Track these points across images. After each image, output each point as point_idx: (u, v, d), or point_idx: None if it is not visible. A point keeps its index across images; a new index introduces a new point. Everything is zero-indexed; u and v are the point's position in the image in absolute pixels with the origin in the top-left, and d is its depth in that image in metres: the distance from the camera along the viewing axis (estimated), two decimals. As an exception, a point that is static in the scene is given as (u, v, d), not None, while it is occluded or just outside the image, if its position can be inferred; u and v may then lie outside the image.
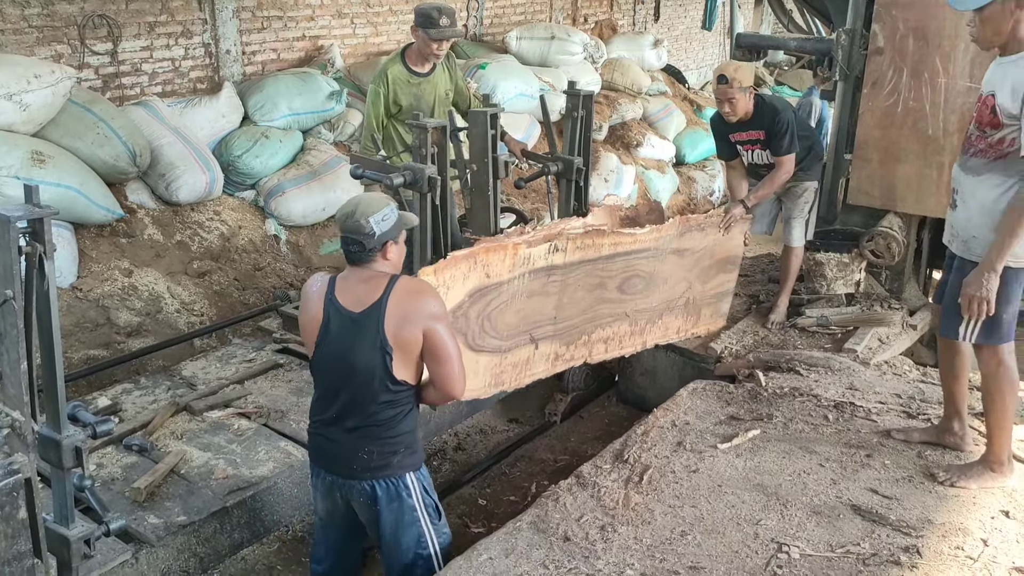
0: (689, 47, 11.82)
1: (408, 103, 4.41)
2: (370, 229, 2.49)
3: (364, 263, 2.55)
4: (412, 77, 4.44)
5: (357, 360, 2.51)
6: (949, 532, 2.90)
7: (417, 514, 2.65)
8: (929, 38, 4.33)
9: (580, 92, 4.34)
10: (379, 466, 2.59)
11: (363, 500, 2.63)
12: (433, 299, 2.56)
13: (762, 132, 4.39)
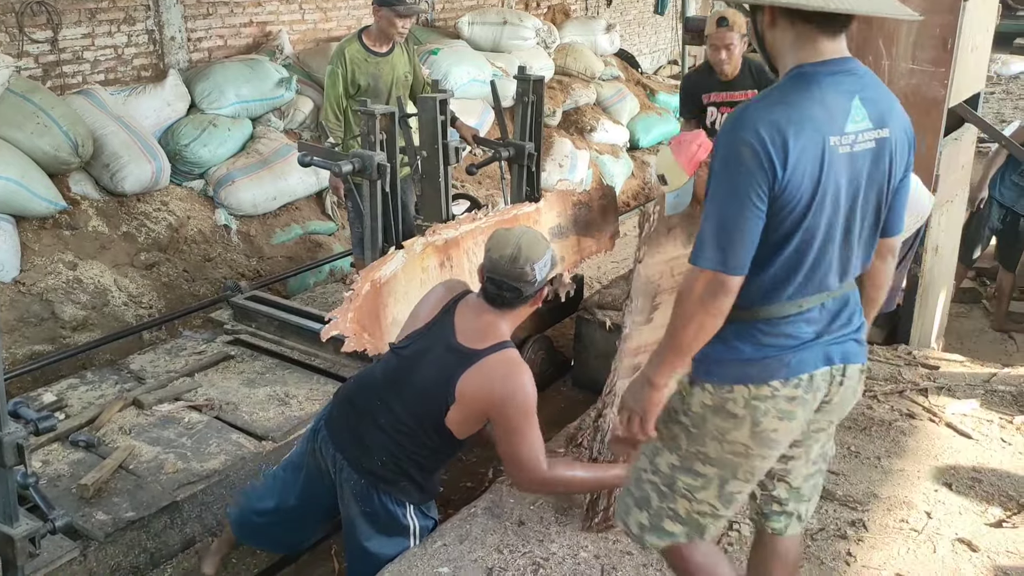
0: (642, 32, 11.85)
1: (366, 83, 4.40)
2: (533, 277, 2.28)
3: (507, 308, 2.35)
4: (370, 56, 4.44)
5: (426, 383, 2.41)
6: (894, 506, 2.97)
7: (409, 532, 2.61)
8: (872, 19, 4.38)
9: (530, 77, 4.33)
10: (385, 479, 2.51)
11: (354, 493, 2.55)
12: (519, 387, 2.35)
13: (749, 93, 4.24)
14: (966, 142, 4.96)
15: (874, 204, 1.88)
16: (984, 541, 2.78)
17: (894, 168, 1.87)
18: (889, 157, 1.85)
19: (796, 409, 1.88)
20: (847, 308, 1.92)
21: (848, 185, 1.81)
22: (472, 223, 3.95)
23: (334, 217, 6.09)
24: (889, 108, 1.87)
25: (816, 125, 1.75)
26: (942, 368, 4.02)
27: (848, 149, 1.78)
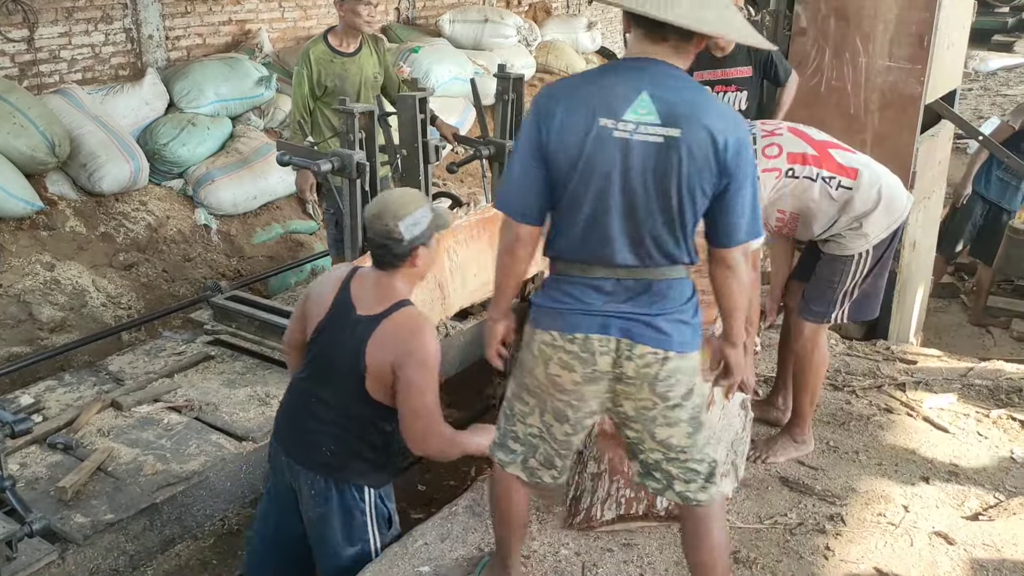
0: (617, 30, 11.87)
1: (333, 84, 4.34)
2: (399, 235, 2.32)
3: (390, 267, 2.40)
4: (335, 56, 4.37)
5: (340, 360, 2.43)
6: (872, 499, 3.00)
7: (366, 519, 2.57)
8: (850, 18, 4.42)
9: (510, 75, 4.33)
10: (334, 467, 2.50)
11: (313, 494, 2.55)
12: (420, 346, 2.35)
13: (748, 69, 4.14)
14: (943, 138, 5.00)
15: (663, 199, 1.99)
16: (960, 534, 2.81)
17: (688, 171, 1.95)
18: (679, 158, 1.94)
19: (575, 363, 2.11)
20: (650, 293, 2.07)
21: (621, 166, 1.98)
22: (453, 222, 3.95)
23: (315, 216, 6.07)
24: (689, 112, 1.94)
25: (590, 104, 1.98)
26: (920, 363, 4.06)
27: (624, 135, 1.95)
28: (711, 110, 1.97)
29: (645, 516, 2.78)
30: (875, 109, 4.48)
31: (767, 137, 2.95)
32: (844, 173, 2.95)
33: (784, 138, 2.97)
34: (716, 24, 1.97)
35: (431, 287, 3.60)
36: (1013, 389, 3.76)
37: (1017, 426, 3.46)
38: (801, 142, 2.97)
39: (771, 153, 2.92)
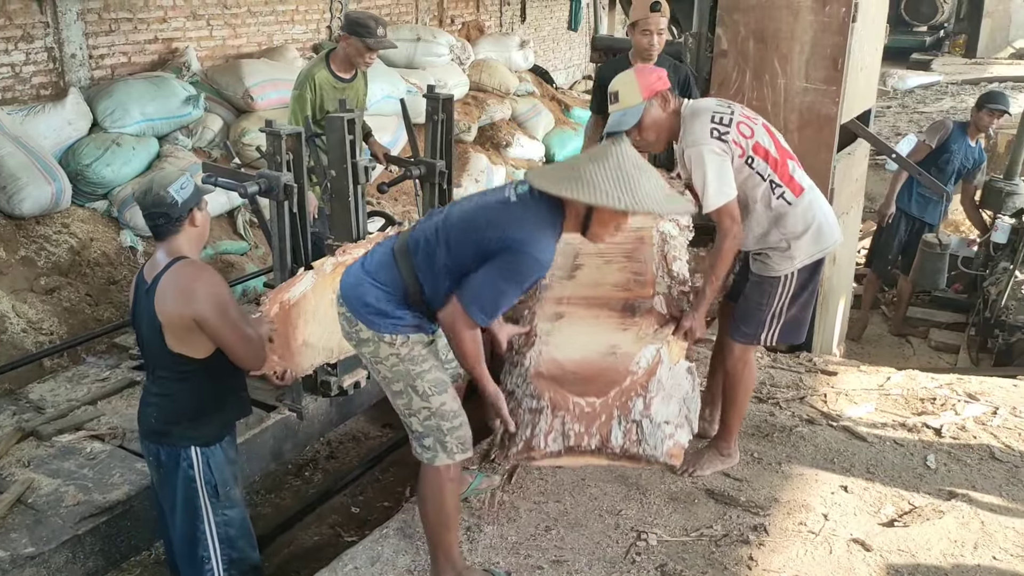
0: (556, 48, 12.03)
1: (334, 108, 4.40)
2: (172, 199, 2.52)
3: (172, 235, 2.57)
4: (338, 82, 4.50)
5: (143, 328, 2.61)
6: (793, 509, 3.08)
7: (196, 486, 2.67)
8: (768, 40, 4.56)
9: (440, 96, 4.36)
10: (160, 432, 2.67)
11: (151, 461, 2.74)
12: (202, 286, 2.52)
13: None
14: (859, 156, 5.19)
15: (459, 241, 2.42)
16: (877, 540, 2.91)
17: (488, 233, 2.37)
18: (493, 218, 2.39)
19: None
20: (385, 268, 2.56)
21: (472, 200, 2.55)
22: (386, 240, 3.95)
23: (246, 237, 6.00)
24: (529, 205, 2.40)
25: None
26: (840, 374, 4.19)
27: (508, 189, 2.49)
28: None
29: (597, 451, 2.66)
30: (794, 129, 4.61)
31: (745, 119, 3.03)
32: (791, 187, 3.05)
33: (758, 128, 3.04)
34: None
35: None
36: (928, 397, 3.91)
37: (931, 433, 3.60)
38: (770, 140, 3.06)
39: (744, 132, 2.99)
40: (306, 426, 3.95)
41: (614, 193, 2.27)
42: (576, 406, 2.63)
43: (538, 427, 2.63)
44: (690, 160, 2.98)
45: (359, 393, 3.91)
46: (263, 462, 3.68)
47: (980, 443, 3.52)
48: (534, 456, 2.67)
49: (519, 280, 2.34)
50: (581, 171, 2.33)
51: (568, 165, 2.44)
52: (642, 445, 2.59)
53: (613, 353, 2.85)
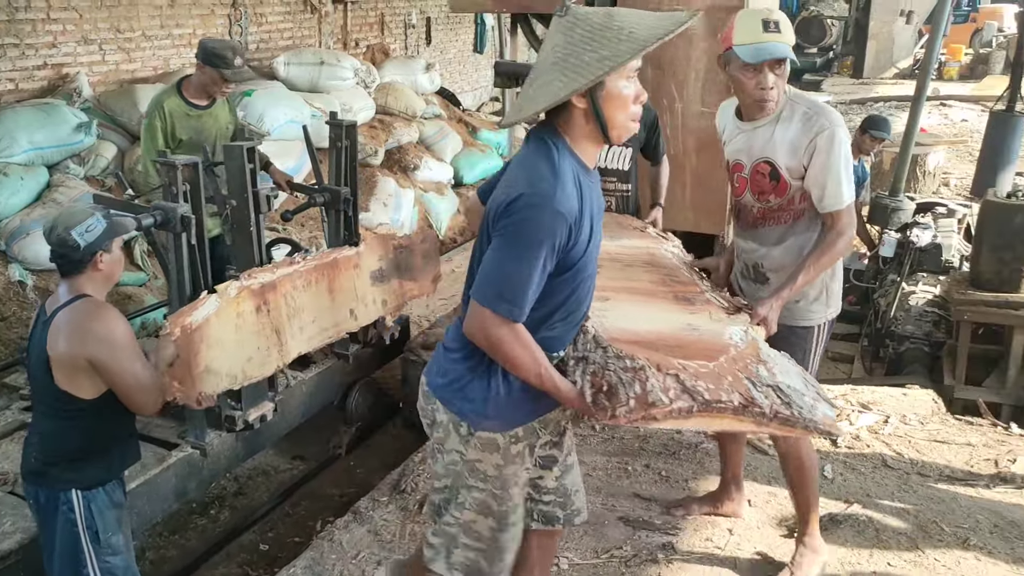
0: (462, 70, 12.10)
1: (188, 137, 4.26)
2: (74, 242, 2.45)
3: (75, 274, 2.50)
4: (191, 110, 4.31)
5: (32, 362, 2.53)
6: (700, 526, 3.15)
7: (77, 531, 2.57)
8: (665, 67, 4.71)
9: (343, 122, 4.32)
10: (39, 472, 2.57)
11: (31, 504, 2.63)
12: (100, 326, 2.45)
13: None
14: (755, 177, 5.38)
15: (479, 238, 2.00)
16: (779, 552, 3.00)
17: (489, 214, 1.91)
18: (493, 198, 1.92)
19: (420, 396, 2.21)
20: (456, 330, 2.06)
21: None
22: (290, 267, 3.89)
23: (144, 267, 5.81)
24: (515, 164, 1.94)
25: None
26: (743, 389, 4.31)
27: None
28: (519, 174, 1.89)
29: (739, 411, 1.97)
30: (692, 151, 4.77)
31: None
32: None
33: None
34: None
35: (267, 333, 3.52)
36: (825, 409, 4.07)
37: (828, 444, 3.74)
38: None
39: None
40: (211, 463, 3.83)
41: (608, 50, 1.76)
42: (686, 367, 2.03)
43: (648, 383, 1.95)
44: (817, 143, 2.53)
45: (266, 426, 3.83)
46: (166, 502, 3.55)
47: (873, 452, 3.68)
48: (655, 415, 1.95)
49: (533, 244, 1.80)
50: (548, 71, 1.82)
51: (529, 83, 1.89)
52: (792, 408, 2.00)
53: (694, 329, 2.36)
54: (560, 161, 1.86)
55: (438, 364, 2.10)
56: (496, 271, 1.83)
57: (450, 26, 11.71)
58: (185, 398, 3.17)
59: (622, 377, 1.97)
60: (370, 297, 4.21)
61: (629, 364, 2.00)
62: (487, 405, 1.99)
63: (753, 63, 2.48)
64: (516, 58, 5.55)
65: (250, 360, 3.41)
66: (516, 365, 1.90)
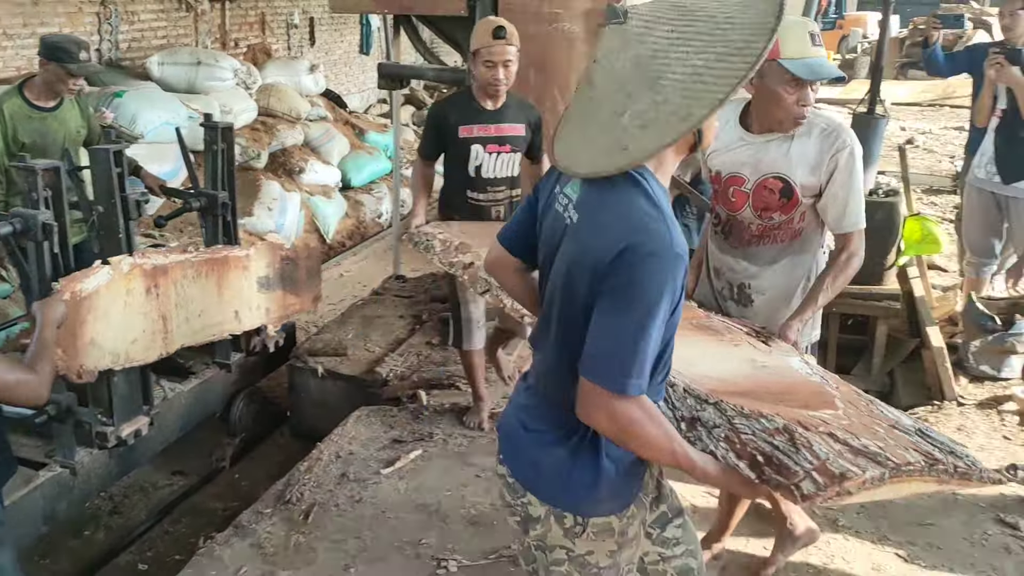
0: (349, 71, 11.94)
1: (32, 140, 4.04)
2: None
3: None
4: (34, 112, 4.08)
5: None
6: (588, 520, 3.20)
7: None
8: (548, 70, 4.75)
9: (218, 124, 4.18)
10: None
11: None
12: None
13: (522, 127, 3.59)
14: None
15: (562, 300, 1.60)
16: (664, 542, 3.07)
17: (575, 272, 1.56)
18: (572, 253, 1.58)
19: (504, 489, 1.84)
20: (538, 409, 1.71)
21: (550, 247, 1.66)
22: (183, 255, 3.78)
23: (8, 278, 5.48)
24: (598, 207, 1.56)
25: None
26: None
27: (560, 206, 1.66)
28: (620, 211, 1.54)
29: (924, 471, 1.69)
30: (576, 152, 4.84)
31: None
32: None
33: None
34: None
35: (154, 317, 3.41)
36: (706, 401, 4.19)
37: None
38: None
39: None
40: (82, 482, 3.65)
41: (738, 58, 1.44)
42: (827, 422, 1.80)
43: (815, 448, 1.67)
44: (838, 161, 2.46)
45: (141, 442, 3.67)
46: (34, 526, 3.36)
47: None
48: (848, 489, 1.63)
49: (654, 302, 1.47)
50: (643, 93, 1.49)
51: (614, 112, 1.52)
52: (963, 459, 1.78)
53: (764, 366, 2.19)
54: (655, 191, 1.54)
55: (522, 451, 1.74)
56: (616, 343, 1.49)
57: (335, 27, 11.53)
58: (66, 368, 3.03)
59: (774, 443, 1.68)
60: (255, 302, 4.11)
61: (768, 425, 1.73)
62: (599, 489, 1.66)
63: (807, 79, 2.31)
64: (400, 60, 5.51)
65: (134, 342, 3.33)
66: (650, 446, 1.56)
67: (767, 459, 1.64)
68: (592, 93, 1.58)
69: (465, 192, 3.61)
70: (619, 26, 1.55)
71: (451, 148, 3.57)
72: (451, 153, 3.59)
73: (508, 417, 1.83)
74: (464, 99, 3.60)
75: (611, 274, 1.47)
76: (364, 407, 4.09)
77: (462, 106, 3.57)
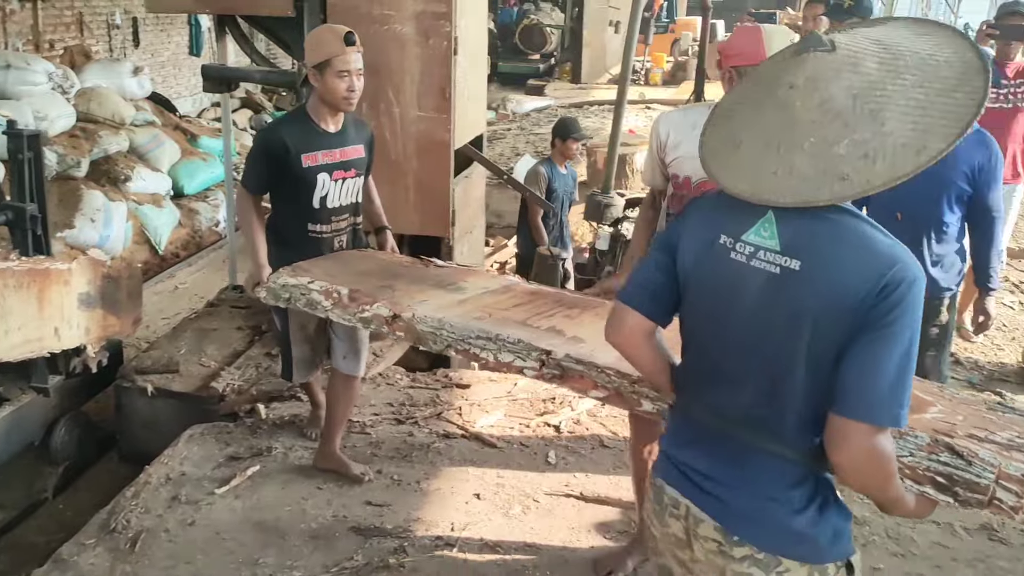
0: (178, 74, 11.42)
1: None
2: None
3: None
4: None
5: None
6: (431, 525, 3.19)
7: None
8: (381, 72, 4.70)
9: (23, 132, 3.89)
10: None
11: None
12: None
13: (363, 147, 3.30)
14: (476, 179, 5.55)
15: (786, 348, 1.56)
16: (506, 540, 3.11)
17: (820, 316, 1.52)
18: (801, 298, 1.54)
19: (652, 516, 1.82)
20: (737, 457, 1.65)
21: (735, 297, 1.62)
22: (4, 262, 3.50)
23: None
24: (820, 241, 1.54)
25: (719, 215, 1.67)
26: (474, 385, 4.43)
27: (741, 256, 1.61)
28: (840, 240, 1.53)
29: None
30: (412, 155, 4.81)
31: None
32: None
33: None
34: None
35: None
36: (548, 398, 4.27)
37: (552, 431, 3.93)
38: None
39: None
40: None
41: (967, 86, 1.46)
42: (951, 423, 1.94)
43: (988, 457, 1.77)
44: None
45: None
46: None
47: (592, 433, 3.92)
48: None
49: (919, 324, 1.50)
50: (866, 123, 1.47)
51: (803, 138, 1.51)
52: None
53: None
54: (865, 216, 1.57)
55: (775, 525, 1.62)
56: (889, 376, 1.46)
57: (161, 27, 10.99)
58: None
59: (941, 459, 1.76)
60: (75, 320, 3.87)
61: (919, 442, 1.80)
62: (849, 523, 1.67)
63: None
64: (226, 61, 5.30)
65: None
66: (892, 480, 1.56)
67: (949, 479, 1.72)
68: (790, 118, 1.54)
69: (306, 226, 3.21)
70: (826, 54, 1.53)
71: (290, 179, 3.13)
72: (290, 184, 3.15)
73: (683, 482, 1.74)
74: (301, 121, 3.18)
75: (876, 307, 1.46)
76: (197, 425, 3.91)
77: (301, 130, 3.15)
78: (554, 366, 2.35)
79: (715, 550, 1.66)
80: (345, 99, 3.09)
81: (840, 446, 1.49)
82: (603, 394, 2.31)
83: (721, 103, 1.77)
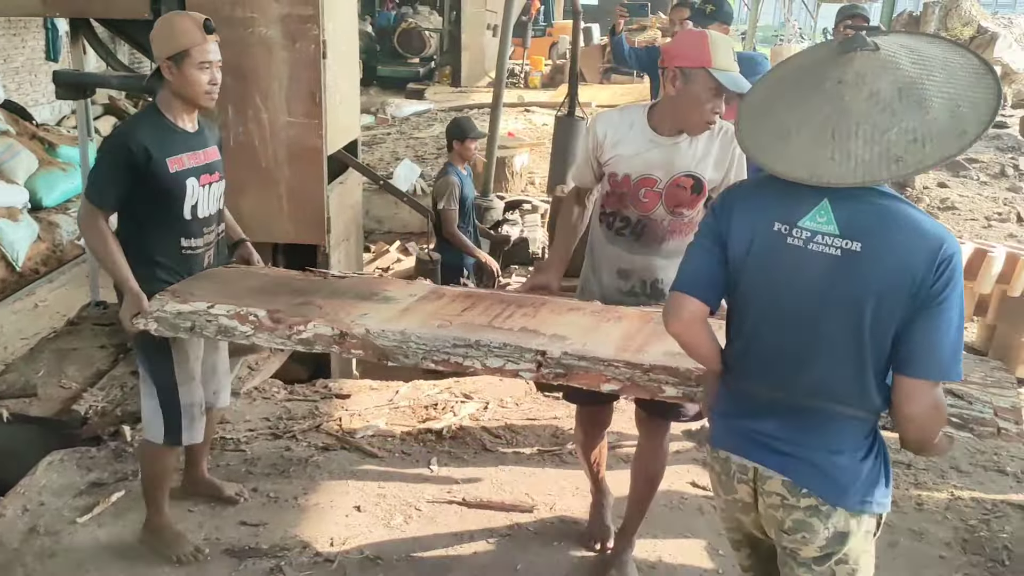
0: (35, 80, 10.79)
1: None
2: None
3: None
4: None
5: None
6: (310, 541, 3.11)
7: None
8: (247, 76, 4.56)
9: None
10: None
11: None
12: None
13: (216, 149, 2.96)
14: (351, 185, 5.46)
15: (848, 323, 1.76)
16: (388, 551, 3.06)
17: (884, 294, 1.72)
18: (865, 277, 1.73)
19: (718, 487, 2.02)
20: (806, 420, 1.84)
21: (795, 279, 1.79)
22: None
23: None
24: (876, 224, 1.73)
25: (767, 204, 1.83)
26: (354, 395, 4.35)
27: (798, 241, 1.78)
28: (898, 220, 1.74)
29: None
30: (284, 162, 4.69)
31: None
32: None
33: None
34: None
35: None
36: (431, 404, 4.24)
37: (433, 437, 3.90)
38: None
39: None
40: None
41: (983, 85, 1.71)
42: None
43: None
44: (735, 156, 2.70)
45: None
46: None
47: (474, 438, 3.90)
48: None
49: (963, 289, 1.76)
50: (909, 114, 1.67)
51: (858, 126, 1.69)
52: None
53: None
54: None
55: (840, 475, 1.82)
56: (949, 337, 1.72)
57: (13, 31, 10.36)
58: None
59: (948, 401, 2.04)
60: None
61: None
62: (891, 474, 1.91)
63: (733, 91, 2.48)
64: (81, 67, 5.03)
65: None
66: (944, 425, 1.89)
67: (961, 419, 2.04)
68: (841, 108, 1.70)
69: (179, 241, 2.81)
70: (871, 53, 1.72)
71: (155, 189, 2.71)
72: (156, 195, 2.73)
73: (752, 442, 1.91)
74: (155, 121, 2.76)
75: (933, 285, 1.68)
76: (58, 451, 3.69)
77: (159, 131, 2.74)
78: (555, 365, 2.37)
79: (777, 503, 1.86)
80: (207, 93, 2.74)
81: (912, 401, 1.74)
82: (617, 386, 2.36)
83: (748, 103, 1.92)
